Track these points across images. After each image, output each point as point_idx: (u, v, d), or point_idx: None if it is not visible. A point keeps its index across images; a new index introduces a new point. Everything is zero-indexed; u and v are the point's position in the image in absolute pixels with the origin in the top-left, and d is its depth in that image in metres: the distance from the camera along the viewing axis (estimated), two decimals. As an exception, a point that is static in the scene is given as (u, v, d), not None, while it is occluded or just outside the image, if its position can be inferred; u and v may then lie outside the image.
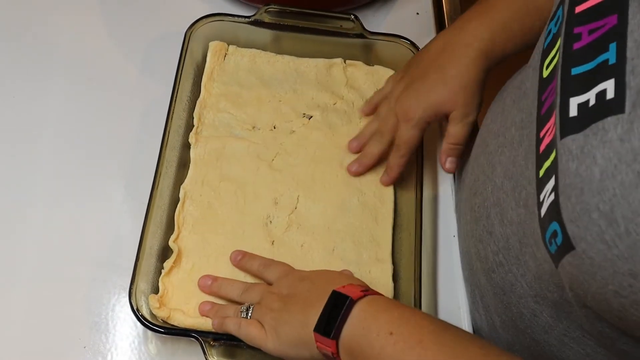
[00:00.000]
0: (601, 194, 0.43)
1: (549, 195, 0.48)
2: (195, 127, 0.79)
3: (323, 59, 0.86)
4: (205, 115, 0.81)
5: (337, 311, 0.58)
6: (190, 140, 0.78)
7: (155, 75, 0.86)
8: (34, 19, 0.90)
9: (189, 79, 0.82)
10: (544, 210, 0.49)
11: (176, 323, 0.67)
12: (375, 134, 0.78)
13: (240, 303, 0.67)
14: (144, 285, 0.68)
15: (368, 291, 0.60)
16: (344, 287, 0.60)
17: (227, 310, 0.66)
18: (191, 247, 0.72)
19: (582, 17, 0.50)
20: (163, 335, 0.68)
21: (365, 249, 0.74)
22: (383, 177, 0.77)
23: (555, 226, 0.47)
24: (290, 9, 0.85)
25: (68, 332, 0.70)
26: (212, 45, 0.85)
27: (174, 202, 0.75)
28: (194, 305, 0.69)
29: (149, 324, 0.66)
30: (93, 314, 0.71)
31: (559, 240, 0.47)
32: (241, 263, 0.70)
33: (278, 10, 0.85)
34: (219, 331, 0.65)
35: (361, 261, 0.73)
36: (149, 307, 0.67)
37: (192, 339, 0.66)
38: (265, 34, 0.86)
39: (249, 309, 0.65)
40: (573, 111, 0.47)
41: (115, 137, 0.82)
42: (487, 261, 0.64)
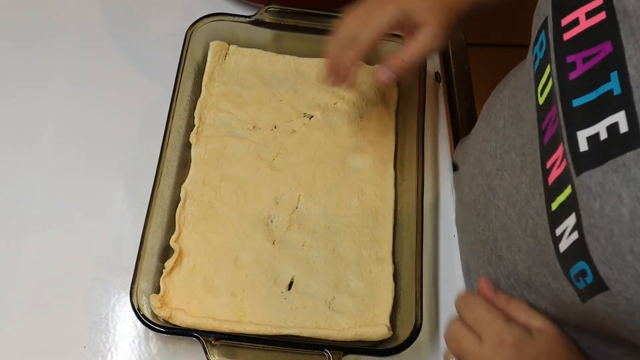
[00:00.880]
0: (633, 235, 0.42)
1: (570, 233, 0.47)
2: (196, 127, 0.79)
3: (324, 59, 0.86)
4: (206, 115, 0.81)
5: None
6: (191, 140, 0.78)
7: (156, 75, 0.86)
8: (34, 19, 0.90)
9: (189, 78, 0.82)
10: (564, 246, 0.48)
11: (178, 323, 0.67)
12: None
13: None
14: (145, 284, 0.68)
15: None
16: None
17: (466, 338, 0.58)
18: (192, 247, 0.72)
19: (573, 45, 0.49)
20: (164, 335, 0.68)
21: (366, 248, 0.74)
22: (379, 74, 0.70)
23: (583, 265, 0.46)
24: (290, 8, 0.85)
25: (68, 332, 0.70)
26: (213, 45, 0.85)
27: (175, 201, 0.75)
28: (196, 305, 0.69)
29: (150, 323, 0.66)
30: (93, 313, 0.71)
31: (588, 279, 0.46)
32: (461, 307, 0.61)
33: (278, 10, 0.85)
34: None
35: (362, 260, 0.73)
36: (150, 306, 0.67)
37: (194, 338, 0.66)
38: (266, 33, 0.86)
39: None
40: (583, 145, 0.46)
41: (115, 137, 0.82)
42: (499, 283, 0.63)
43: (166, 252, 0.72)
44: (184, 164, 0.77)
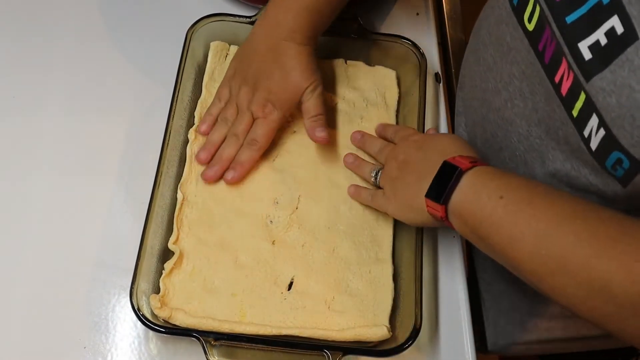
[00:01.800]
0: None
1: (597, 131, 0.53)
2: (195, 124, 0.79)
3: (324, 60, 0.86)
4: (206, 115, 0.81)
5: (447, 180, 0.62)
6: (189, 136, 0.78)
7: (156, 75, 0.86)
8: (34, 19, 0.90)
9: (190, 79, 0.82)
10: (594, 144, 0.55)
11: (178, 323, 0.67)
12: (230, 136, 0.77)
13: (372, 158, 0.78)
14: (145, 285, 0.68)
15: (477, 162, 0.63)
16: (454, 158, 0.64)
17: (364, 167, 0.77)
18: (190, 249, 0.72)
19: None
20: (164, 335, 0.68)
21: (365, 248, 0.74)
22: (229, 174, 0.76)
23: (618, 155, 0.53)
24: (290, 9, 0.84)
25: (68, 332, 0.70)
26: (213, 45, 0.85)
27: (175, 202, 0.75)
28: (195, 305, 0.69)
29: (150, 324, 0.66)
30: (93, 314, 0.71)
31: (625, 164, 0.53)
32: (361, 143, 0.79)
33: (279, 10, 0.84)
34: (353, 197, 0.76)
35: (361, 261, 0.73)
36: (150, 307, 0.67)
37: (193, 338, 0.66)
38: (266, 34, 0.86)
39: (378, 174, 0.74)
40: (587, 54, 0.52)
41: (115, 137, 0.82)
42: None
43: (166, 252, 0.72)
44: (184, 164, 0.77)
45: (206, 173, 0.76)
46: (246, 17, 0.85)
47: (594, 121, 0.53)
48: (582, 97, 0.54)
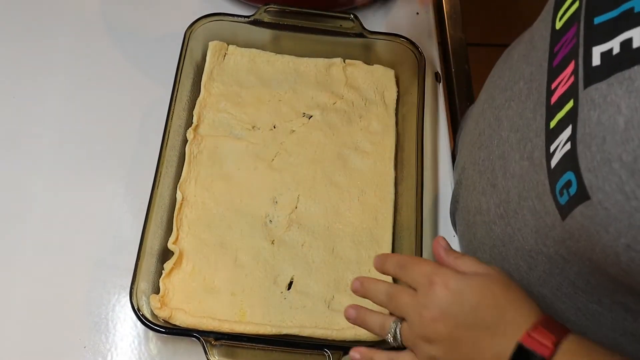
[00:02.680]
0: (625, 144, 0.42)
1: (563, 145, 0.49)
2: (194, 124, 0.79)
3: (322, 59, 0.86)
4: (205, 115, 0.81)
5: None
6: (188, 135, 0.78)
7: (155, 75, 0.86)
8: (34, 19, 0.90)
9: (188, 78, 0.82)
10: (555, 161, 0.50)
11: (178, 323, 0.67)
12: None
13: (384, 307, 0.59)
14: (145, 285, 0.68)
15: (556, 335, 0.50)
16: (528, 334, 0.50)
17: (373, 320, 0.59)
18: (190, 249, 0.72)
19: None
20: (164, 335, 0.68)
21: (365, 248, 0.74)
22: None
23: (570, 176, 0.47)
24: (289, 8, 0.85)
25: (68, 332, 0.70)
26: (212, 45, 0.85)
27: (174, 202, 0.75)
28: (195, 305, 0.69)
29: (150, 324, 0.66)
30: (93, 314, 0.71)
31: (572, 190, 0.47)
32: (363, 292, 0.60)
33: (277, 9, 0.85)
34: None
35: (361, 260, 0.73)
36: (150, 307, 0.67)
37: (194, 338, 0.66)
38: (265, 33, 0.86)
39: (397, 332, 0.56)
40: (596, 60, 0.47)
41: (115, 137, 0.82)
42: (489, 214, 0.64)
43: (166, 252, 0.72)
44: (183, 164, 0.77)
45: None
46: (245, 17, 0.85)
47: (565, 134, 0.48)
48: (569, 105, 0.49)
